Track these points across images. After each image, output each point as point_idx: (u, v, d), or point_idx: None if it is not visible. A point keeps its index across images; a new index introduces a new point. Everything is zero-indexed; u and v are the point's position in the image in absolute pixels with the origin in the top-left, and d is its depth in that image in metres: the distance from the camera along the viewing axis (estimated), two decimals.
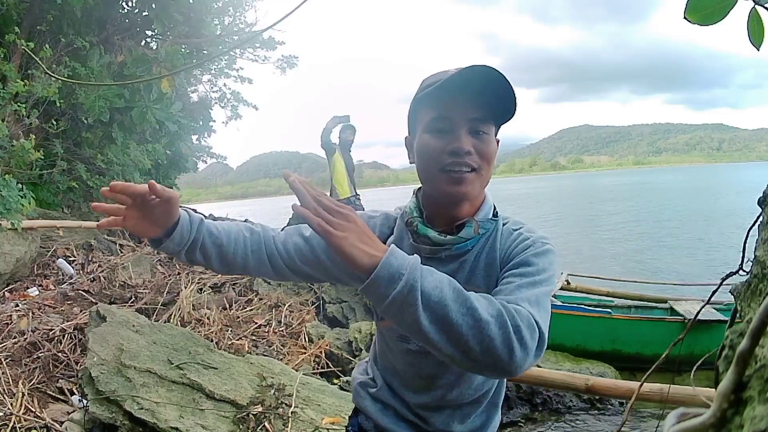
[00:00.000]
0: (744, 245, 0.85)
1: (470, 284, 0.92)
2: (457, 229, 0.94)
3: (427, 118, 0.92)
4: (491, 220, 0.97)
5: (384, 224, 1.06)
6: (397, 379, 1.05)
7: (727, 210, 18.77)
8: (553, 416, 3.90)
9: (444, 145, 0.90)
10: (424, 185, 0.98)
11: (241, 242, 0.99)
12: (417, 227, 0.96)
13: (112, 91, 6.58)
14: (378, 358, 1.11)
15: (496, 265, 0.93)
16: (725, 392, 0.34)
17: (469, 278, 0.94)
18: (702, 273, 8.18)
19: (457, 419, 1.02)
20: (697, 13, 0.71)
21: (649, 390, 1.88)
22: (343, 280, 1.04)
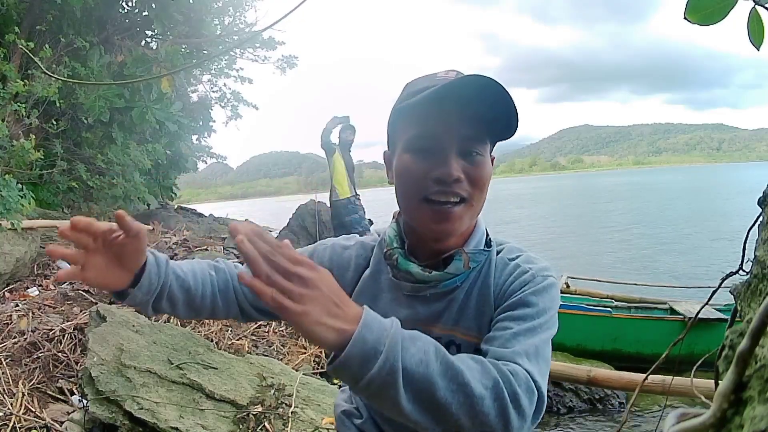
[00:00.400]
0: (744, 245, 0.85)
1: (460, 326, 0.80)
2: (444, 262, 0.81)
3: (408, 133, 0.78)
4: (483, 250, 0.83)
5: (360, 255, 0.91)
6: (380, 413, 0.91)
7: (727, 210, 18.77)
8: (554, 417, 3.90)
9: (428, 170, 0.75)
10: (404, 214, 0.84)
11: (208, 283, 0.86)
12: (397, 261, 0.82)
13: (112, 91, 6.58)
14: None
15: (489, 302, 0.80)
16: (725, 392, 0.34)
17: (458, 319, 0.81)
18: (702, 274, 8.18)
19: None
20: (697, 14, 0.71)
21: (651, 381, 1.88)
22: None
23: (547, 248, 12.70)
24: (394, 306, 0.83)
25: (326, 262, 0.89)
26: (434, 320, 0.81)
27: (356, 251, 0.92)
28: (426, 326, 0.78)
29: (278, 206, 42.29)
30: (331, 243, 0.94)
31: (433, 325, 0.81)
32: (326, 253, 0.92)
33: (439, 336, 0.78)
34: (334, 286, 0.59)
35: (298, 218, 6.53)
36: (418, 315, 0.81)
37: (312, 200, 6.69)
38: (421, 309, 0.82)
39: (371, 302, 0.80)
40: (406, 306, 0.83)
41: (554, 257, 10.94)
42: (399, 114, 0.80)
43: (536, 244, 13.61)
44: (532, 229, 17.56)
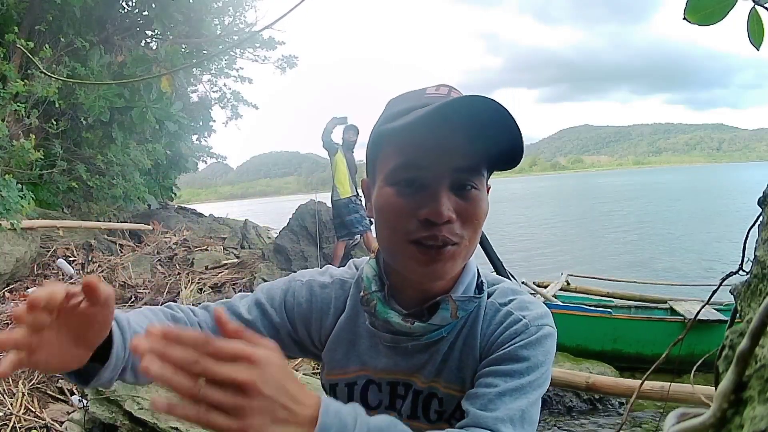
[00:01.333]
0: (744, 245, 0.85)
1: (441, 379, 0.73)
2: (428, 311, 0.71)
3: (392, 163, 0.66)
4: (474, 297, 0.72)
5: (338, 296, 0.79)
6: None
7: (727, 210, 18.78)
8: (554, 417, 3.90)
9: (414, 208, 0.64)
10: (386, 256, 0.72)
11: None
12: (375, 308, 0.72)
13: (112, 90, 6.58)
14: None
15: (474, 354, 0.71)
16: (725, 392, 0.34)
17: (440, 371, 0.73)
18: (702, 273, 8.18)
19: None
20: (696, 14, 0.71)
21: (650, 388, 1.89)
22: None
23: (547, 248, 12.71)
24: (373, 354, 0.75)
25: (304, 304, 0.78)
26: (416, 371, 0.74)
27: (335, 292, 0.80)
28: (407, 377, 0.74)
29: (278, 206, 42.28)
30: (308, 280, 0.81)
31: (414, 376, 0.74)
32: (302, 292, 0.79)
33: (420, 390, 0.73)
34: (281, 380, 0.45)
35: (298, 218, 6.52)
36: (398, 365, 0.74)
37: (312, 200, 6.68)
38: (401, 361, 0.74)
39: (348, 349, 0.76)
40: (384, 355, 0.75)
41: (554, 256, 10.95)
42: (380, 138, 0.68)
43: (537, 243, 13.63)
44: (532, 229, 17.57)
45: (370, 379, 0.76)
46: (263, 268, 5.88)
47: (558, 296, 5.40)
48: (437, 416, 0.73)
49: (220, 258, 6.66)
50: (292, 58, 11.52)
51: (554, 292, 5.40)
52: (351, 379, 0.77)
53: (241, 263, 6.37)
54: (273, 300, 0.78)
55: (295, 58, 11.55)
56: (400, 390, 0.75)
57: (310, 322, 0.78)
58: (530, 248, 12.70)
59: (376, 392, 0.76)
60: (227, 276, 5.87)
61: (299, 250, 6.20)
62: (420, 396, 0.73)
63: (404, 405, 0.74)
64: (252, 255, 6.81)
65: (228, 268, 6.23)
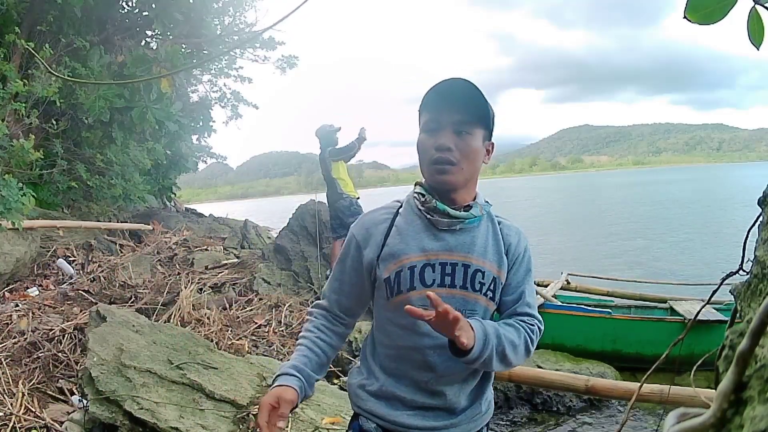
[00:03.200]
0: (744, 245, 0.85)
1: (487, 260, 1.11)
2: (464, 209, 1.12)
3: (423, 120, 1.11)
4: (487, 203, 1.19)
5: (389, 211, 1.18)
6: (404, 362, 1.14)
7: (726, 210, 18.77)
8: (554, 416, 3.90)
9: (433, 142, 1.08)
10: (423, 175, 1.15)
11: (336, 341, 1.21)
12: (436, 204, 1.10)
13: (112, 91, 6.58)
14: (379, 349, 1.20)
15: (500, 246, 1.14)
16: (725, 392, 0.34)
17: (483, 252, 1.12)
18: (702, 273, 8.18)
19: (463, 391, 1.14)
20: (697, 13, 0.71)
21: (650, 391, 1.88)
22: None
23: (546, 247, 12.70)
24: (432, 240, 1.11)
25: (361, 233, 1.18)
26: (465, 251, 1.10)
27: (383, 211, 1.19)
28: (463, 257, 1.10)
29: (278, 206, 42.24)
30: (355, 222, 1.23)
31: (468, 256, 1.10)
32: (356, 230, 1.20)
33: (469, 264, 1.10)
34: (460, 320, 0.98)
35: (298, 218, 6.51)
36: (449, 245, 1.10)
37: (312, 200, 6.67)
38: (451, 240, 1.11)
39: (409, 240, 1.11)
40: (438, 239, 1.11)
41: (554, 255, 10.94)
42: (421, 104, 1.11)
43: (536, 243, 13.61)
44: (532, 229, 17.56)
45: (427, 262, 1.09)
46: (263, 268, 5.88)
47: (558, 296, 5.40)
48: (479, 286, 1.11)
49: (220, 258, 6.66)
50: (292, 58, 11.51)
51: (555, 291, 5.40)
52: (412, 263, 1.09)
53: (241, 263, 6.37)
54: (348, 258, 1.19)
55: (295, 58, 11.54)
56: (447, 269, 1.09)
57: (368, 239, 1.15)
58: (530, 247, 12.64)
59: (431, 272, 1.09)
60: (227, 276, 5.87)
61: (299, 250, 6.19)
62: (469, 270, 1.10)
63: (457, 278, 1.10)
64: (252, 255, 6.81)
65: (228, 268, 6.23)
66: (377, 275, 1.13)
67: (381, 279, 1.12)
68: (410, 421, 1.11)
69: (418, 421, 1.11)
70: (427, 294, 0.95)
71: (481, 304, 1.11)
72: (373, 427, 1.14)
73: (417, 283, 1.09)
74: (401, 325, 1.11)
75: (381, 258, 1.12)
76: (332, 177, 5.64)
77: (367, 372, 1.19)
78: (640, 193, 38.15)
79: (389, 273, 1.11)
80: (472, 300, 1.10)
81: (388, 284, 1.11)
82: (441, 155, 1.07)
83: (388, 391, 1.13)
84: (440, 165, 1.07)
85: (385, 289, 1.12)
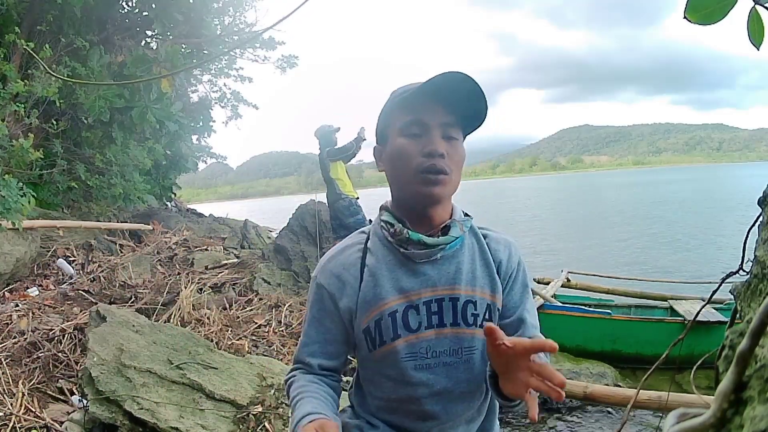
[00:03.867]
0: (744, 245, 0.85)
1: (476, 286, 0.97)
2: (442, 231, 0.96)
3: (401, 122, 0.93)
4: (466, 218, 1.01)
5: (357, 250, 1.02)
6: (400, 414, 1.01)
7: (726, 210, 18.77)
8: (553, 416, 3.90)
9: (420, 148, 0.91)
10: (398, 191, 0.98)
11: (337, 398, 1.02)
12: (408, 234, 0.94)
13: (112, 91, 6.57)
14: (369, 400, 1.05)
15: (490, 265, 1.00)
16: (725, 392, 0.34)
17: (471, 278, 0.97)
18: (702, 272, 8.18)
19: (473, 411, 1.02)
20: (697, 13, 0.71)
21: (648, 398, 1.88)
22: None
23: (546, 248, 12.70)
24: (410, 278, 0.96)
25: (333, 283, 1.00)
26: (451, 282, 0.95)
27: (349, 252, 1.02)
28: (449, 290, 0.95)
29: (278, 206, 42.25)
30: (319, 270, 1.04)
31: (455, 288, 0.95)
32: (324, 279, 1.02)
33: (457, 297, 0.95)
34: None
35: (298, 218, 6.51)
36: (431, 279, 0.95)
37: (312, 200, 6.67)
38: (432, 273, 0.96)
39: (385, 282, 0.95)
40: (418, 274, 0.96)
41: (554, 255, 10.95)
42: (391, 109, 0.95)
43: (537, 243, 13.61)
44: (533, 229, 17.57)
45: (409, 304, 0.95)
46: (263, 268, 5.88)
47: (558, 295, 5.40)
48: (473, 319, 0.96)
49: (220, 258, 6.66)
50: (292, 58, 11.50)
51: (555, 290, 5.40)
52: (392, 308, 0.95)
53: (241, 263, 6.37)
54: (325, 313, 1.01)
55: (295, 58, 11.53)
56: (433, 308, 0.95)
57: (342, 288, 0.98)
58: (530, 247, 12.69)
59: (415, 315, 0.95)
60: (227, 276, 5.87)
61: (299, 250, 6.20)
62: (458, 304, 0.95)
63: (446, 316, 0.95)
64: (252, 255, 6.81)
65: (228, 268, 6.23)
66: (354, 326, 0.99)
67: (358, 330, 0.98)
68: None
69: None
70: (486, 327, 0.77)
71: (479, 338, 0.96)
72: None
73: (401, 330, 0.94)
74: (389, 377, 0.98)
75: (358, 306, 0.97)
76: (330, 177, 5.63)
77: (361, 417, 1.06)
78: (640, 193, 38.15)
79: (367, 323, 0.96)
80: (467, 336, 0.96)
81: (367, 335, 0.96)
82: (433, 163, 0.90)
83: None
84: (432, 174, 0.90)
85: (365, 341, 0.97)
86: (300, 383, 1.00)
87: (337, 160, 5.67)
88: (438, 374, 0.96)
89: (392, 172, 0.96)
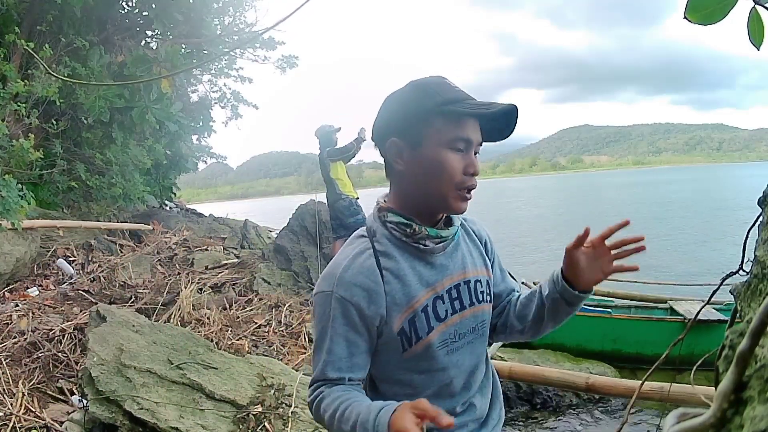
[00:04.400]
0: (744, 245, 0.85)
1: (478, 267, 1.07)
2: (445, 223, 1.05)
3: (450, 135, 0.95)
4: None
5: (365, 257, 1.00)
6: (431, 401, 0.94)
7: (726, 210, 18.77)
8: (553, 416, 3.90)
9: (464, 166, 0.96)
10: (422, 195, 0.99)
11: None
12: (426, 231, 0.99)
13: (112, 91, 6.58)
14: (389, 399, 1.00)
15: (480, 248, 1.11)
16: (725, 392, 0.34)
17: (473, 260, 1.07)
18: (702, 273, 8.18)
19: (484, 397, 1.10)
20: (697, 13, 0.71)
21: (650, 389, 1.88)
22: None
23: (547, 247, 12.70)
24: (433, 272, 1.01)
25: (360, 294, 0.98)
26: (461, 267, 1.04)
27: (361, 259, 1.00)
28: (462, 275, 1.03)
29: (278, 206, 42.24)
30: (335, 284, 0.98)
31: (466, 272, 1.04)
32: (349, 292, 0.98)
33: (468, 280, 1.04)
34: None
35: (298, 218, 6.51)
36: (447, 269, 1.02)
37: (312, 200, 6.66)
38: (446, 262, 1.03)
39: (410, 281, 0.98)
40: (435, 267, 1.02)
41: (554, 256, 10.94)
42: (438, 113, 0.95)
43: (537, 243, 13.61)
44: (532, 229, 17.56)
45: (436, 296, 1.00)
46: (263, 268, 5.88)
47: None
48: (482, 296, 1.05)
49: (220, 258, 6.66)
50: (292, 58, 11.51)
51: None
52: (423, 303, 0.99)
53: (241, 263, 6.37)
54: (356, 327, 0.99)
55: (295, 58, 11.54)
56: (454, 294, 1.02)
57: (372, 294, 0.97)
58: (530, 248, 12.68)
59: (442, 304, 1.00)
60: (227, 276, 5.87)
61: (299, 250, 6.19)
62: (470, 285, 1.04)
63: (464, 299, 1.02)
64: (252, 255, 6.80)
65: (228, 268, 6.23)
66: (383, 332, 0.98)
67: (392, 334, 0.97)
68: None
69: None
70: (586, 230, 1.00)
71: (487, 311, 1.07)
72: None
73: (433, 322, 0.99)
74: (421, 370, 1.00)
75: (387, 311, 0.97)
76: (331, 177, 5.63)
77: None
78: (641, 193, 38.13)
79: (401, 323, 0.97)
80: (480, 312, 1.05)
81: (403, 335, 0.97)
82: (472, 183, 0.97)
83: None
84: (469, 193, 0.98)
85: (400, 342, 0.98)
86: (335, 395, 0.96)
87: (337, 160, 5.67)
88: (464, 353, 1.04)
89: (425, 178, 0.97)
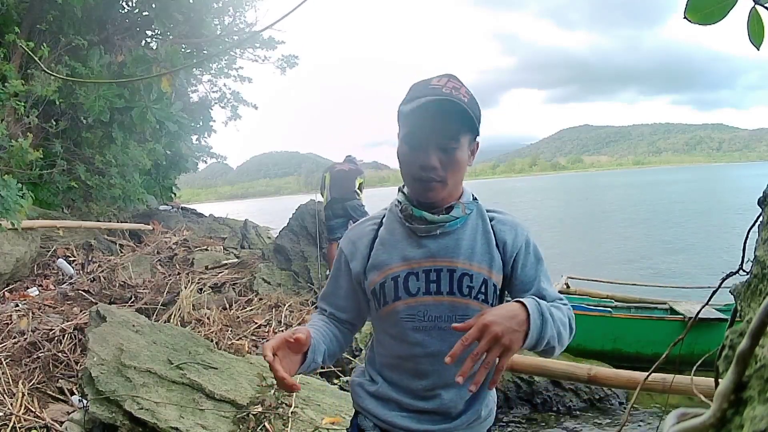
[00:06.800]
0: (744, 245, 0.85)
1: (473, 261, 1.08)
2: (446, 211, 1.09)
3: (403, 130, 1.07)
4: (473, 202, 1.15)
5: (374, 222, 1.19)
6: (398, 371, 1.13)
7: (726, 210, 18.77)
8: (553, 416, 3.90)
9: (415, 159, 1.04)
10: (405, 185, 1.13)
11: (341, 340, 1.19)
12: (412, 211, 1.08)
13: (112, 90, 6.57)
14: (377, 357, 1.19)
15: (491, 245, 1.11)
16: (725, 392, 0.34)
17: (470, 254, 1.08)
18: (701, 273, 8.18)
19: (461, 396, 1.11)
20: (697, 13, 0.71)
21: (652, 380, 1.87)
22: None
23: (547, 247, 12.70)
24: (413, 248, 1.09)
25: (348, 247, 1.19)
26: (450, 255, 1.08)
27: (368, 223, 1.20)
28: (448, 262, 1.07)
29: (278, 206, 42.25)
30: (344, 236, 1.23)
31: (454, 261, 1.07)
32: (343, 244, 1.21)
33: (454, 269, 1.07)
34: (500, 316, 0.91)
35: (298, 218, 6.51)
36: (430, 251, 1.08)
37: (312, 200, 6.66)
38: (433, 246, 1.08)
39: (391, 251, 1.10)
40: (421, 246, 1.09)
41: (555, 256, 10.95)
42: (400, 114, 1.07)
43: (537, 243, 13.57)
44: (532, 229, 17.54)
45: (410, 271, 1.08)
46: (263, 268, 5.88)
47: None
48: (468, 290, 1.07)
49: (220, 258, 6.66)
50: (292, 58, 11.49)
51: None
52: (395, 273, 1.09)
53: (241, 263, 6.37)
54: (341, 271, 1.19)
55: (295, 58, 11.52)
56: (432, 276, 1.07)
57: (355, 252, 1.16)
58: None
59: (415, 281, 1.08)
60: (227, 276, 5.87)
61: (299, 250, 6.19)
62: (454, 275, 1.07)
63: (443, 285, 1.07)
64: (252, 255, 6.80)
65: (228, 268, 6.22)
66: (365, 287, 1.14)
67: (368, 291, 1.13)
68: (404, 423, 1.11)
69: (413, 424, 1.11)
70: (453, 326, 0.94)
71: (473, 308, 1.07)
72: (370, 426, 1.16)
73: (402, 293, 1.08)
74: (392, 335, 1.12)
75: (367, 270, 1.13)
76: (355, 189, 5.79)
77: (368, 374, 1.20)
78: (641, 193, 38.13)
79: (374, 285, 1.11)
80: (462, 305, 1.07)
81: (374, 296, 1.11)
82: (426, 175, 1.04)
83: (384, 394, 1.14)
84: (426, 183, 1.05)
85: (373, 301, 1.13)
86: (313, 320, 1.19)
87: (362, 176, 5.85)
88: (433, 337, 1.08)
89: (400, 168, 1.09)
